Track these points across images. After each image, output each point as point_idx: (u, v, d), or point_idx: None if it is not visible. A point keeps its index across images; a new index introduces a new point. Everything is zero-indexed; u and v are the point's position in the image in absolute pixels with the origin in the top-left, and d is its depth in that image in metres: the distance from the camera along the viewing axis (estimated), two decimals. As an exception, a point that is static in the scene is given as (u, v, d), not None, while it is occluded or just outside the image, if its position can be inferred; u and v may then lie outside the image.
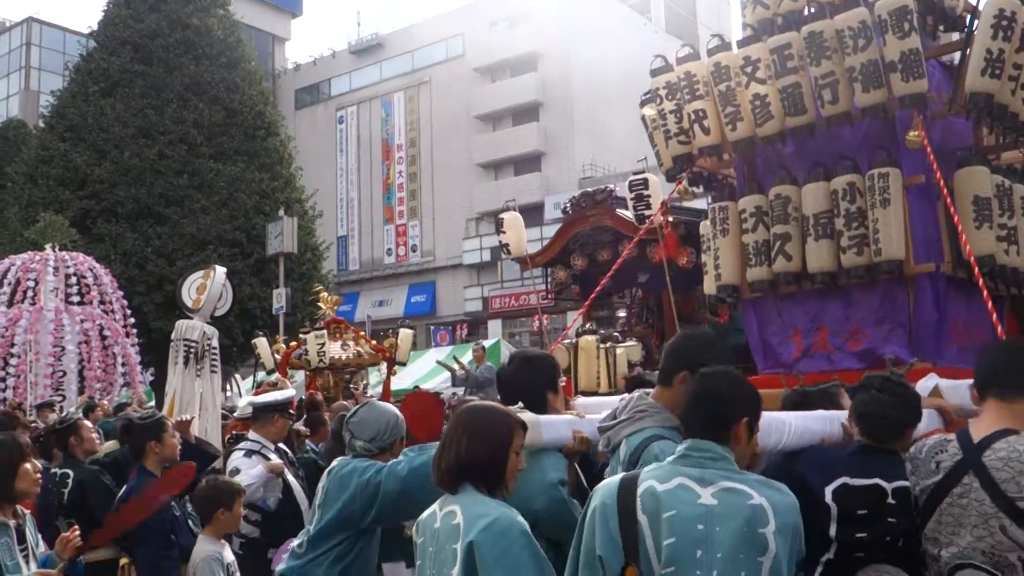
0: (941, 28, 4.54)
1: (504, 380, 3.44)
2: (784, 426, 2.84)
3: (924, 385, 3.43)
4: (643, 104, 5.44)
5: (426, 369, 21.35)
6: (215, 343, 6.61)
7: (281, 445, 5.28)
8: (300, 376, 13.45)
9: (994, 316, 3.65)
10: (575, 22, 35.85)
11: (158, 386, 16.73)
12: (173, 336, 6.52)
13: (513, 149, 37.28)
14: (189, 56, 24.00)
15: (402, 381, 17.04)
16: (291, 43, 49.27)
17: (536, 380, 3.29)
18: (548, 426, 3.07)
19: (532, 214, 28.08)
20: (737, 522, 2.21)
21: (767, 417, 2.83)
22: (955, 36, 4.67)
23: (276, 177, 24.87)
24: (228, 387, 19.94)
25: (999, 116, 3.92)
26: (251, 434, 5.23)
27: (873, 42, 3.84)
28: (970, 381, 3.51)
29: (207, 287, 6.70)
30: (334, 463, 3.61)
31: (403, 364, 13.57)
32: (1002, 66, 3.74)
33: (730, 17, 47.81)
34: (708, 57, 4.48)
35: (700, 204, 7.92)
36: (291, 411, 5.50)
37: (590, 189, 10.52)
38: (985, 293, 3.70)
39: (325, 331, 11.97)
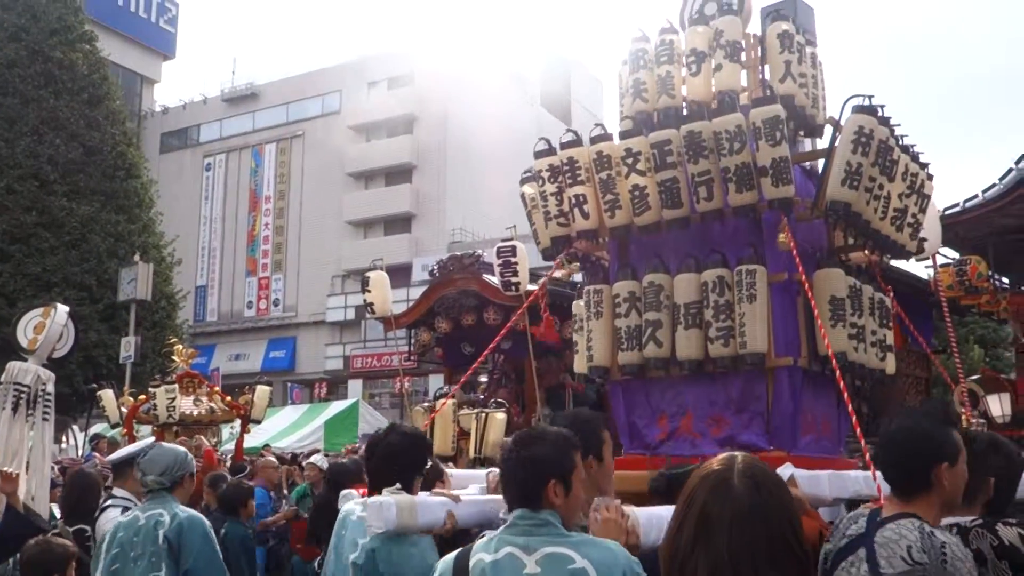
0: (801, 133, 4.87)
1: (383, 454, 3.27)
2: (663, 523, 2.86)
3: (780, 473, 3.57)
4: (523, 182, 5.54)
5: (282, 426, 20.71)
6: (50, 388, 6.04)
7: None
8: (146, 431, 12.76)
9: (850, 407, 3.88)
10: (454, 89, 36.46)
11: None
12: (3, 379, 5.93)
13: (384, 209, 37.25)
14: (49, 89, 23.02)
15: (256, 439, 16.43)
16: (161, 85, 47.88)
17: (414, 460, 3.19)
18: (424, 508, 2.97)
19: (400, 275, 27.97)
20: None
21: (647, 514, 2.85)
22: (809, 140, 5.03)
23: (134, 220, 23.94)
24: (64, 439, 18.67)
25: (854, 222, 4.22)
26: (116, 491, 5.03)
27: (747, 146, 4.06)
28: (824, 472, 3.71)
29: (46, 326, 6.16)
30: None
31: (258, 422, 13.07)
32: (860, 178, 4.02)
33: (602, 96, 49.78)
34: (591, 144, 4.62)
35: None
36: None
37: (458, 253, 10.59)
38: (842, 385, 3.92)
39: (176, 385, 11.43)
